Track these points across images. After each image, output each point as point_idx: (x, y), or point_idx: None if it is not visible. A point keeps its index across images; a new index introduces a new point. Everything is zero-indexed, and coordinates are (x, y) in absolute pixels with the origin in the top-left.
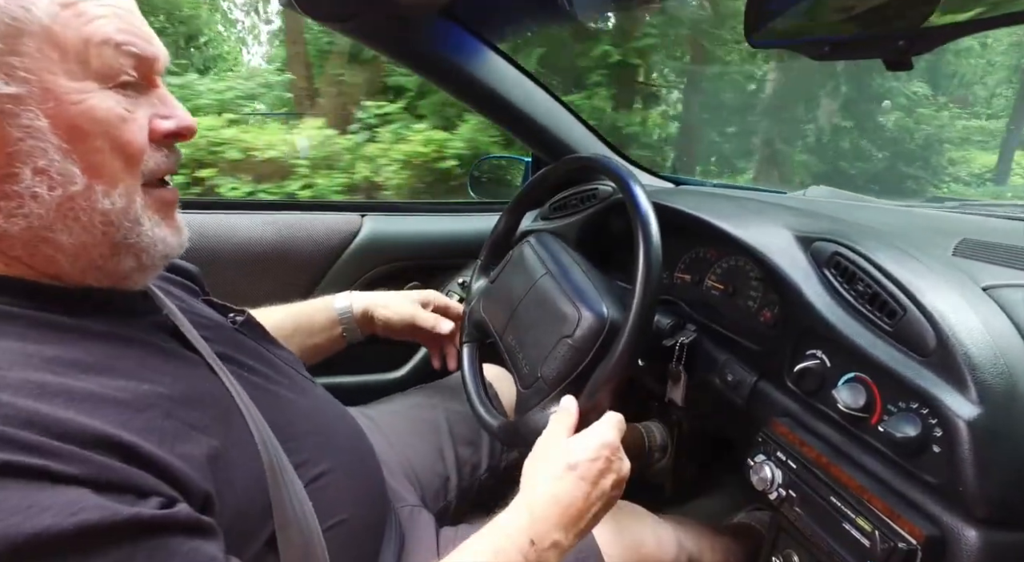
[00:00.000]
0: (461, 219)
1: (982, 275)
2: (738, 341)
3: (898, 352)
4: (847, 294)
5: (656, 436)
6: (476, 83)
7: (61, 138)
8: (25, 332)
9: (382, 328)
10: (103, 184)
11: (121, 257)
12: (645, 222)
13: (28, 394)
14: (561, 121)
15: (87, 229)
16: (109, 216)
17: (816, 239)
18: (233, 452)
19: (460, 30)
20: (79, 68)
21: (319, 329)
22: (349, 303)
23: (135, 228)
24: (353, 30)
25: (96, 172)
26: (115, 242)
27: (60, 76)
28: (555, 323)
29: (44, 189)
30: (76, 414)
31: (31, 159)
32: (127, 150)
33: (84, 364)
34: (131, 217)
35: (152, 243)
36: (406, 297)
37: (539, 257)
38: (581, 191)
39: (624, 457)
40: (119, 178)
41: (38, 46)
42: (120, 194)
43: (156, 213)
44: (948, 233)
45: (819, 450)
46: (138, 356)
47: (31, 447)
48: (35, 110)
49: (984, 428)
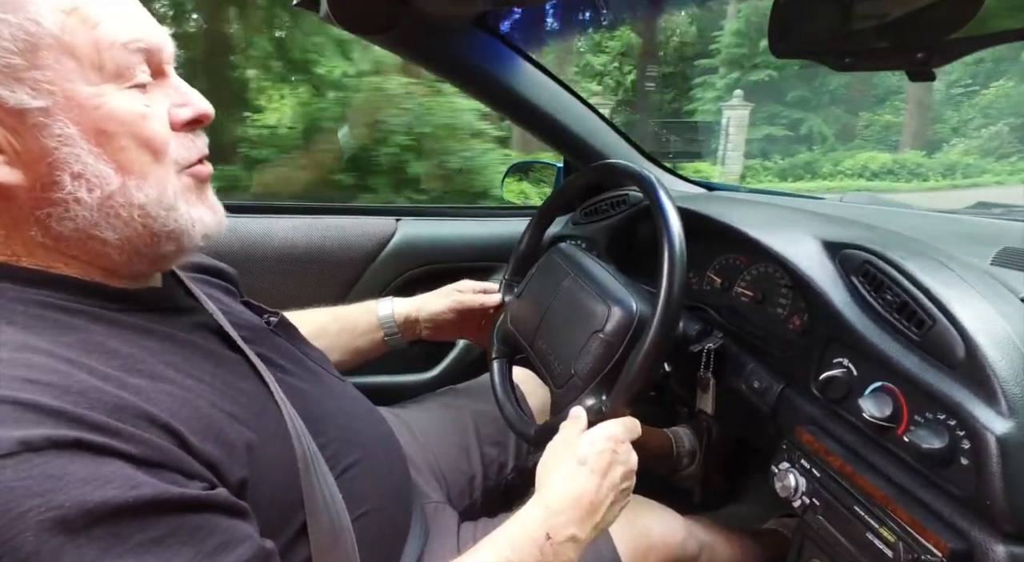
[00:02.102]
0: (493, 223)
1: (1021, 284)
2: (765, 348)
3: (926, 362)
4: (875, 303)
5: (685, 442)
6: (508, 91)
7: (91, 142)
8: (89, 326)
9: (429, 327)
10: (135, 179)
11: (162, 242)
12: (668, 220)
13: (97, 378)
14: (593, 128)
15: (128, 223)
16: (146, 208)
17: (845, 247)
18: (268, 444)
19: (493, 40)
20: (95, 74)
21: (361, 332)
22: (391, 310)
23: (171, 214)
24: (388, 42)
25: (127, 169)
26: (155, 231)
27: (79, 83)
28: (586, 320)
29: (84, 192)
30: (136, 399)
31: (68, 165)
32: (152, 144)
33: (138, 357)
34: (166, 204)
35: (190, 224)
36: (442, 291)
37: (564, 264)
38: (612, 196)
39: (631, 449)
40: (149, 170)
41: (55, 57)
42: (152, 185)
43: (192, 194)
44: (989, 241)
45: (844, 459)
46: (184, 353)
47: (99, 426)
48: (63, 119)
49: (1014, 442)
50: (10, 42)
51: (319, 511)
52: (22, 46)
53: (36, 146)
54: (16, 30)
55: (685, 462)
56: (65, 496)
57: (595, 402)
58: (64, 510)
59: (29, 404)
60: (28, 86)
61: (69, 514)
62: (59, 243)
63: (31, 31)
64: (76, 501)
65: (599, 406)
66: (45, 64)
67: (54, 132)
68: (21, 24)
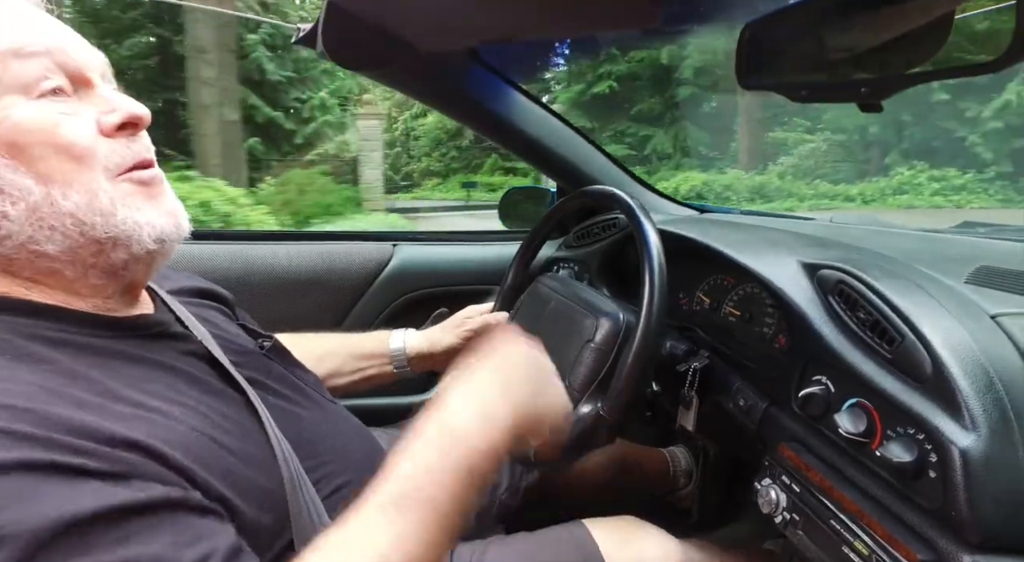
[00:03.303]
0: (489, 247)
1: (993, 303)
2: (752, 367)
3: (896, 378)
4: (850, 321)
5: (681, 461)
6: (501, 121)
7: (3, 156)
8: (75, 356)
9: (444, 360)
10: (59, 187)
11: (109, 251)
12: (644, 231)
13: (77, 406)
14: (583, 154)
15: (64, 234)
16: (76, 215)
17: (822, 267)
18: (252, 468)
19: (484, 72)
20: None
21: (370, 360)
22: (403, 343)
23: (109, 219)
24: (383, 76)
25: (47, 178)
26: (96, 238)
27: None
28: (576, 334)
29: (9, 206)
30: (115, 425)
31: None
32: (72, 151)
33: (121, 386)
34: (99, 210)
35: (136, 228)
36: (452, 322)
37: (551, 288)
38: (603, 220)
39: (516, 333)
40: (73, 177)
41: None
42: (79, 192)
43: (136, 198)
44: (967, 260)
45: (823, 474)
46: (170, 380)
47: (73, 448)
48: None
49: (977, 455)
50: None
51: (306, 532)
52: None
53: None
54: None
55: (682, 482)
56: (37, 511)
57: (591, 408)
58: (35, 525)
59: (5, 430)
60: None
61: (41, 527)
62: (10, 265)
63: None
64: (45, 516)
65: (595, 411)
66: None
67: None
68: None
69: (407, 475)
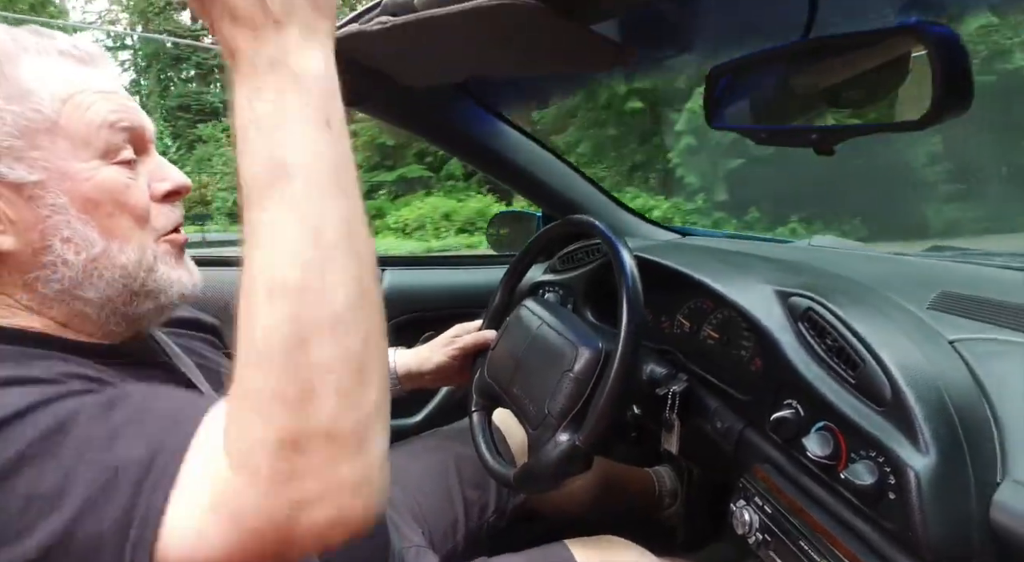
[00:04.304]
0: (477, 271)
1: (952, 328)
2: (729, 390)
3: (859, 403)
4: (818, 347)
5: (666, 481)
6: (485, 149)
7: (79, 210)
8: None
9: (433, 377)
10: (118, 242)
11: (140, 301)
12: (623, 264)
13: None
14: (566, 180)
15: (109, 283)
16: (127, 268)
17: (792, 294)
18: None
19: (470, 103)
20: (85, 151)
21: None
22: (394, 362)
23: (151, 275)
24: (369, 109)
25: (111, 233)
26: (134, 290)
27: (71, 160)
28: (556, 363)
29: (72, 254)
30: None
31: (58, 231)
32: (134, 211)
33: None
34: (146, 266)
35: (168, 284)
36: (440, 340)
37: (535, 313)
38: (587, 245)
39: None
40: (131, 235)
41: (51, 139)
42: (133, 248)
43: (170, 257)
44: (931, 284)
45: (793, 496)
46: None
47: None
48: (56, 191)
49: (931, 477)
50: (12, 127)
51: None
52: (23, 130)
53: (31, 215)
54: (19, 117)
55: (667, 501)
56: None
57: (569, 437)
58: None
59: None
60: (26, 164)
61: None
62: (42, 305)
63: (32, 118)
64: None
65: (573, 440)
66: (42, 145)
67: (47, 202)
68: (23, 112)
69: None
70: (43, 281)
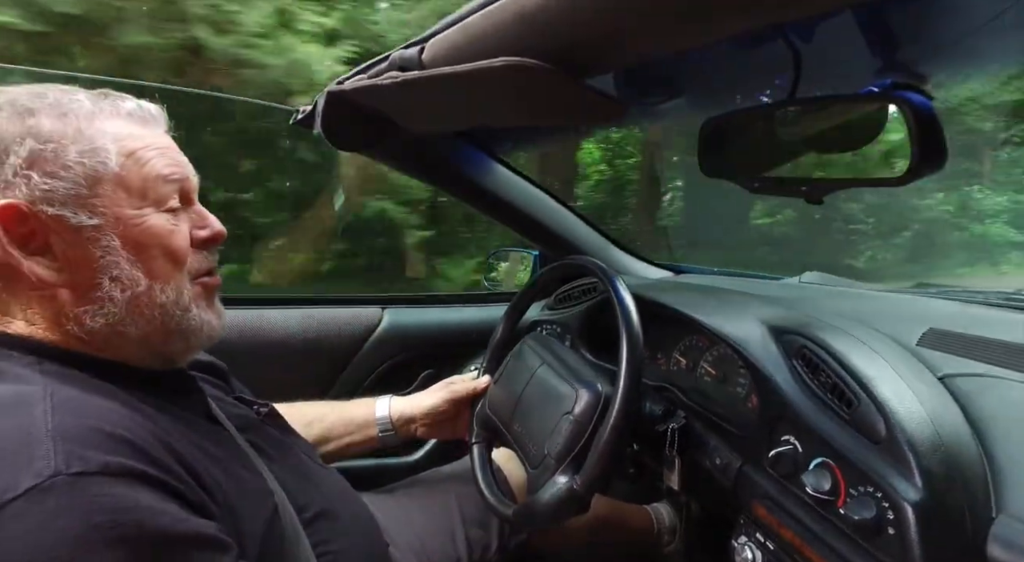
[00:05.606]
0: (474, 309)
1: (941, 364)
2: (726, 426)
3: (856, 439)
4: (812, 384)
5: (665, 518)
6: (486, 193)
7: (128, 251)
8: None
9: (426, 423)
10: (160, 282)
11: (174, 340)
12: (624, 309)
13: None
14: (564, 221)
15: (149, 320)
16: (166, 307)
17: (786, 332)
18: (262, 519)
19: (470, 147)
20: (140, 200)
21: (356, 427)
22: (388, 409)
23: (186, 315)
24: (376, 154)
25: (154, 274)
26: (169, 328)
27: (126, 207)
28: (556, 404)
29: (118, 292)
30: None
31: (109, 270)
32: (175, 255)
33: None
34: (182, 306)
35: (200, 326)
36: (435, 387)
37: (536, 352)
38: (583, 284)
39: None
40: (171, 276)
41: (112, 189)
42: (172, 289)
43: (202, 300)
44: (919, 320)
45: (794, 531)
46: (193, 431)
47: (158, 463)
48: (110, 234)
49: (928, 512)
50: (81, 177)
51: None
52: (89, 181)
53: (85, 254)
54: (88, 169)
55: (666, 538)
56: (130, 518)
57: (567, 480)
58: (126, 529)
59: (111, 434)
60: (88, 210)
61: (130, 533)
62: (90, 336)
63: (98, 170)
64: (138, 522)
65: (571, 484)
66: (104, 193)
67: (101, 244)
68: (92, 165)
69: None
70: (91, 315)
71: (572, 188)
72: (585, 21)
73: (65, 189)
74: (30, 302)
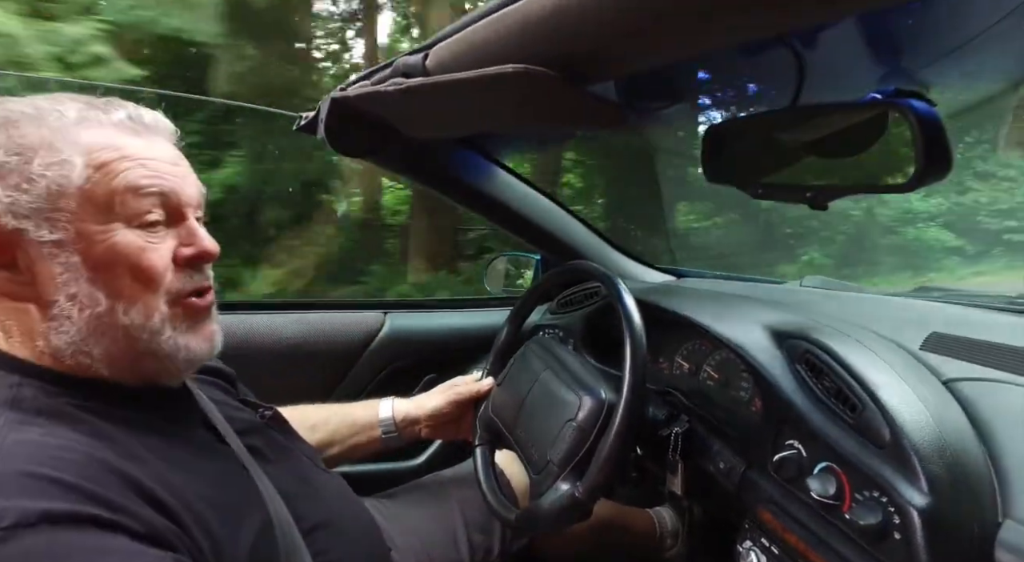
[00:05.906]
0: (476, 314)
1: (945, 369)
2: (729, 431)
3: (860, 444)
4: (816, 388)
5: (667, 522)
6: (487, 198)
7: (89, 269)
8: (96, 421)
9: (430, 425)
10: (123, 303)
11: (145, 362)
12: (629, 317)
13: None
14: (566, 225)
15: (113, 340)
16: (129, 329)
17: (790, 336)
18: (250, 535)
19: (471, 153)
20: (105, 214)
21: (360, 429)
22: (391, 410)
23: (155, 338)
24: (377, 160)
25: (117, 294)
26: (137, 350)
27: (90, 222)
28: (560, 410)
29: (76, 311)
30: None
31: (66, 288)
32: (145, 275)
33: (138, 451)
34: (149, 329)
35: (175, 350)
36: (439, 388)
37: (540, 356)
38: (585, 288)
39: None
40: (138, 297)
41: (77, 203)
42: (138, 310)
43: (182, 323)
44: (921, 325)
45: (799, 536)
46: (178, 448)
47: (110, 504)
48: (71, 250)
49: (933, 516)
50: (43, 191)
51: None
52: (52, 194)
53: (46, 270)
54: (50, 182)
55: (669, 542)
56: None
57: (569, 487)
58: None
59: (53, 479)
60: (49, 224)
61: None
62: (58, 354)
63: (61, 183)
64: None
65: (573, 491)
66: (66, 207)
67: (60, 260)
68: (55, 178)
69: None
70: (55, 332)
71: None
72: (588, 31)
73: (27, 202)
74: (8, 314)
